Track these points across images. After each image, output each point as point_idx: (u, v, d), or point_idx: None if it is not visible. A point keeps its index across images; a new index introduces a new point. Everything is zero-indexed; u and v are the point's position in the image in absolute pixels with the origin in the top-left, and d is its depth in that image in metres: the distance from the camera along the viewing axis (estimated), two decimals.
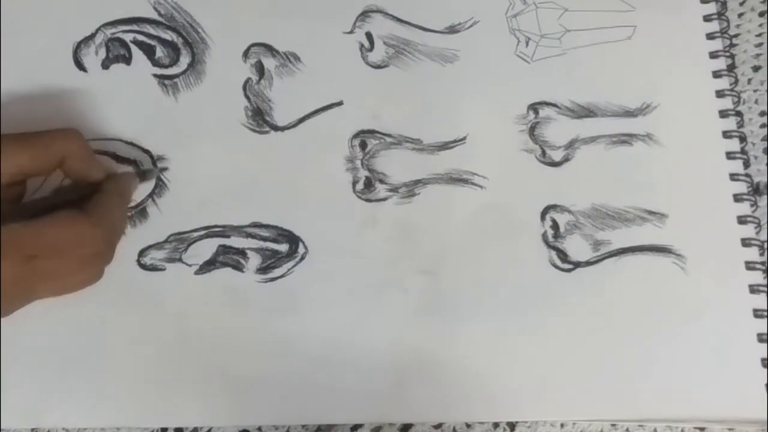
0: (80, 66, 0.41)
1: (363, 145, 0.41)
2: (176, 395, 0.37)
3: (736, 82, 0.43)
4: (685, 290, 0.39)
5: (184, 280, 0.38)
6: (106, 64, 0.41)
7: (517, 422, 0.38)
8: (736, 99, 0.42)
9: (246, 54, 0.42)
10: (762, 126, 0.43)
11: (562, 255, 0.40)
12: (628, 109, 0.42)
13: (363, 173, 0.41)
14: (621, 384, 0.38)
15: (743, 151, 0.42)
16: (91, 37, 0.41)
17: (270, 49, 0.42)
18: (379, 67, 0.42)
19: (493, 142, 0.41)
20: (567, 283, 0.39)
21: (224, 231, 0.39)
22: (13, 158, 0.33)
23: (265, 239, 0.39)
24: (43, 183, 0.37)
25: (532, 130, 0.42)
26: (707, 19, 0.44)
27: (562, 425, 0.38)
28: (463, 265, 0.39)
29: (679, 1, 0.44)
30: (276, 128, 0.41)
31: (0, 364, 0.36)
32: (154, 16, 0.42)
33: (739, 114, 0.42)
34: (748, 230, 0.41)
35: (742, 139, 0.42)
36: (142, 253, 0.39)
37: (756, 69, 0.44)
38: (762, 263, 0.40)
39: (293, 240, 0.39)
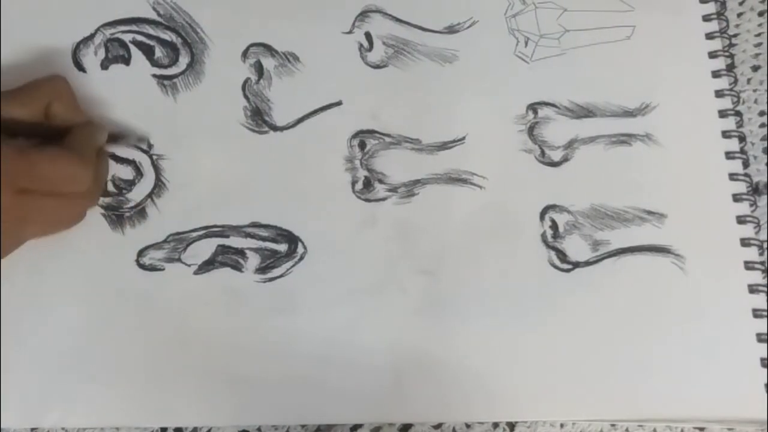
0: (79, 66, 0.41)
1: (362, 145, 0.41)
2: (175, 395, 0.37)
3: (736, 81, 0.43)
4: (685, 290, 0.39)
5: (184, 280, 0.38)
6: (105, 65, 0.41)
7: (516, 422, 0.38)
8: (735, 99, 0.42)
9: (245, 54, 0.42)
10: (761, 126, 0.43)
11: (561, 255, 0.40)
12: (627, 109, 0.42)
13: (362, 173, 0.41)
14: (620, 384, 0.38)
15: (742, 151, 0.42)
16: (91, 37, 0.41)
17: (269, 49, 0.42)
18: (378, 67, 0.42)
19: (492, 142, 0.41)
20: (566, 283, 0.39)
21: (223, 231, 0.39)
22: (4, 108, 0.34)
23: (264, 239, 0.39)
24: None
25: (531, 130, 0.42)
26: (706, 18, 0.44)
27: (561, 425, 0.38)
28: (462, 265, 0.39)
29: (679, 1, 0.44)
30: (275, 128, 0.41)
31: (0, 364, 0.37)
32: (153, 16, 0.42)
33: (738, 114, 0.42)
34: (748, 230, 0.40)
35: (742, 138, 0.42)
36: (141, 253, 0.39)
37: (755, 69, 0.44)
38: (761, 263, 0.40)
39: (292, 240, 0.39)
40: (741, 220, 0.41)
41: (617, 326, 0.39)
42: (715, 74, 0.43)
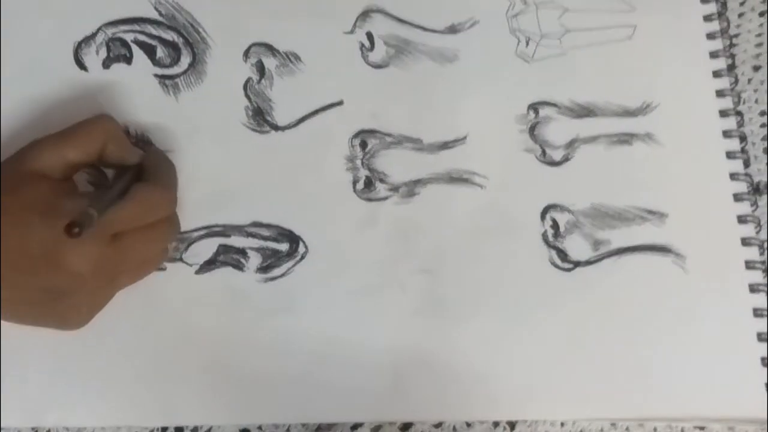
0: (81, 65, 0.41)
1: (363, 145, 0.41)
2: (176, 394, 0.37)
3: (736, 81, 0.43)
4: (685, 289, 0.40)
5: (185, 280, 0.38)
6: (107, 64, 0.41)
7: (517, 421, 0.38)
8: (736, 99, 0.42)
9: (246, 54, 0.42)
10: (762, 125, 0.43)
11: (562, 254, 0.40)
12: (628, 108, 0.42)
13: (363, 173, 0.41)
14: (621, 383, 0.38)
15: (743, 151, 0.42)
16: (92, 36, 0.41)
17: (270, 48, 0.42)
18: (379, 66, 0.42)
19: (493, 142, 0.41)
20: (567, 283, 0.39)
21: (224, 230, 0.39)
22: (59, 152, 0.35)
23: (265, 239, 0.39)
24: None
25: (532, 130, 0.42)
26: (707, 19, 0.44)
27: (562, 424, 0.38)
28: (462, 265, 0.39)
29: (679, 1, 0.44)
30: (276, 128, 0.41)
31: (0, 364, 0.37)
32: (155, 16, 0.42)
33: (739, 113, 0.42)
34: (748, 229, 0.41)
35: (742, 138, 0.42)
36: None
37: (756, 69, 0.44)
38: (762, 262, 0.40)
39: (293, 239, 0.39)
40: (742, 219, 0.41)
41: (618, 325, 0.39)
42: (716, 74, 0.43)
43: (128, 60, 0.41)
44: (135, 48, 0.41)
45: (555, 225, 0.40)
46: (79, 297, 0.33)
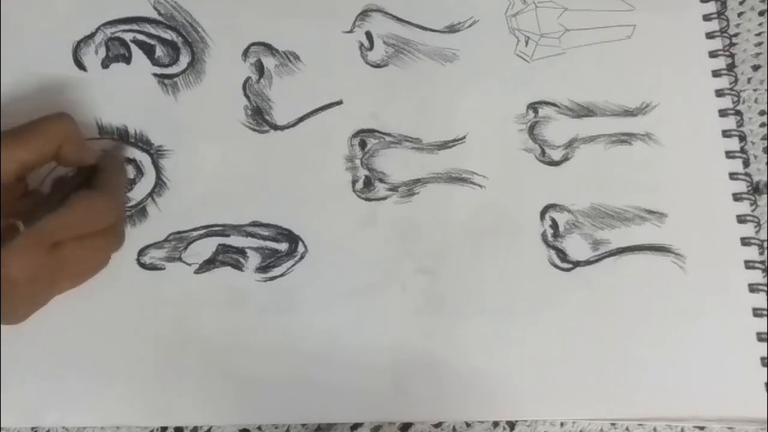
0: (80, 65, 0.41)
1: (362, 144, 0.41)
2: (176, 394, 0.37)
3: (736, 81, 0.43)
4: (685, 289, 0.39)
5: (184, 280, 0.38)
6: (106, 63, 0.41)
7: (516, 421, 0.38)
8: (735, 98, 0.42)
9: (246, 53, 0.42)
10: (762, 125, 0.43)
11: (562, 254, 0.40)
12: (627, 108, 0.42)
13: (362, 172, 0.41)
14: (620, 383, 0.38)
15: (743, 150, 0.42)
16: (91, 36, 0.41)
17: (270, 48, 0.42)
18: (378, 66, 0.42)
19: (493, 142, 0.41)
20: (566, 283, 0.39)
21: (224, 230, 0.39)
22: (14, 154, 0.33)
23: (264, 238, 0.39)
24: (44, 179, 0.38)
25: (531, 130, 0.42)
26: (707, 18, 0.44)
27: (561, 424, 0.38)
28: (462, 265, 0.39)
29: (679, 1, 0.44)
30: (276, 127, 0.41)
31: (0, 364, 0.37)
32: (154, 15, 0.42)
33: (738, 113, 0.42)
34: (748, 229, 0.41)
35: (742, 138, 0.42)
36: (141, 252, 0.39)
37: (756, 68, 0.44)
38: (761, 262, 0.40)
39: (293, 239, 0.39)
40: (741, 219, 0.41)
41: (617, 325, 0.39)
42: (716, 73, 0.43)
43: (127, 59, 0.41)
44: (134, 47, 0.41)
45: (554, 225, 0.40)
46: (14, 300, 0.32)
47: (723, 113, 0.42)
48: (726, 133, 0.42)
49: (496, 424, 0.38)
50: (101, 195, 0.35)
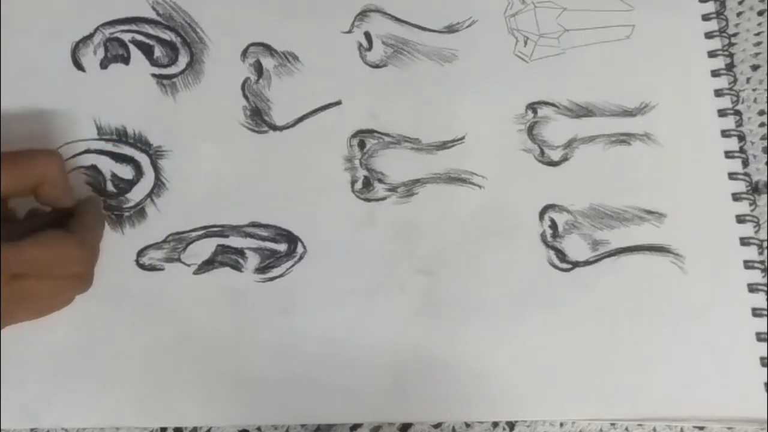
0: (78, 66, 0.41)
1: (362, 145, 0.41)
2: (175, 395, 0.37)
3: (735, 81, 0.43)
4: (684, 289, 0.39)
5: (183, 280, 0.38)
6: (104, 64, 0.41)
7: (516, 421, 0.38)
8: (734, 98, 0.42)
9: (244, 54, 0.42)
10: (761, 125, 0.43)
11: (561, 255, 0.40)
12: (626, 108, 0.42)
13: (361, 173, 0.41)
14: (620, 383, 0.38)
15: (742, 150, 0.42)
16: (90, 36, 0.41)
17: (268, 48, 0.42)
18: (377, 66, 0.42)
19: (492, 142, 0.41)
20: (565, 283, 0.39)
21: (223, 231, 0.39)
22: None
23: (263, 239, 0.39)
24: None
25: (530, 130, 0.42)
26: (706, 18, 0.44)
27: (561, 424, 0.38)
28: (461, 265, 0.39)
29: (678, 1, 0.44)
30: (274, 128, 0.41)
31: (0, 364, 0.36)
32: (153, 15, 0.42)
33: (737, 113, 0.42)
34: (747, 229, 0.40)
35: (741, 138, 0.42)
36: (140, 253, 0.39)
37: (755, 68, 0.44)
38: (761, 262, 0.40)
39: (292, 239, 0.39)
40: (740, 219, 0.41)
41: (617, 325, 0.39)
42: (715, 73, 0.43)
43: (126, 60, 0.41)
44: (132, 48, 0.41)
45: (553, 225, 0.40)
46: None
47: (722, 113, 0.42)
48: (725, 133, 0.42)
49: (495, 424, 0.38)
50: (74, 240, 0.33)
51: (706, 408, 0.38)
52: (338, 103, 0.41)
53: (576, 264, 0.40)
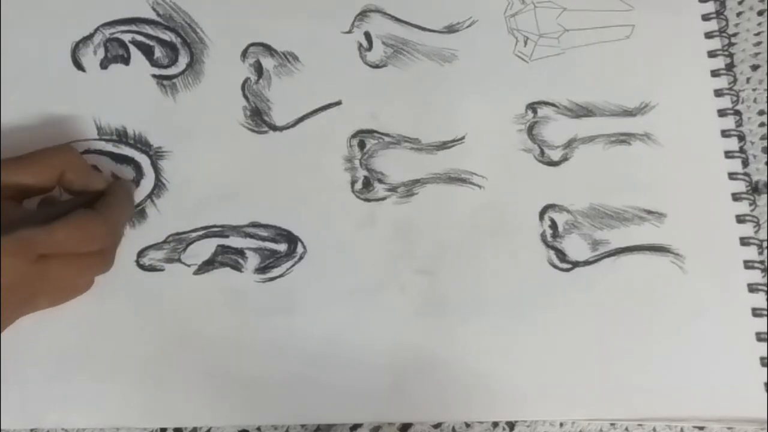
0: (78, 66, 0.41)
1: (361, 145, 0.41)
2: (175, 395, 0.37)
3: (735, 81, 0.43)
4: (684, 289, 0.39)
5: (183, 281, 0.38)
6: (104, 64, 0.41)
7: (516, 421, 0.38)
8: (734, 98, 0.42)
9: (244, 54, 0.42)
10: (761, 125, 0.43)
11: (561, 254, 0.40)
12: (626, 108, 0.42)
13: (361, 173, 0.41)
14: (620, 383, 0.38)
15: (742, 150, 0.42)
16: (90, 37, 0.41)
17: (268, 48, 0.42)
18: (377, 66, 0.42)
19: (492, 142, 0.41)
20: (565, 283, 0.39)
21: (223, 231, 0.39)
22: (14, 176, 0.34)
23: (263, 239, 0.39)
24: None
25: (530, 130, 0.42)
26: (706, 18, 0.44)
27: (561, 424, 0.38)
28: (461, 265, 0.39)
29: (678, 1, 0.44)
30: (275, 128, 0.41)
31: (0, 365, 0.37)
32: (153, 16, 0.42)
33: (737, 113, 0.42)
34: (747, 229, 0.40)
35: (741, 137, 0.42)
36: (141, 253, 0.39)
37: (755, 68, 0.44)
38: (761, 262, 0.40)
39: (292, 240, 0.39)
40: (740, 219, 0.41)
41: (616, 325, 0.39)
42: (714, 73, 0.43)
43: (126, 60, 0.41)
44: (133, 48, 0.41)
45: (553, 225, 0.40)
46: None
47: (722, 113, 0.42)
48: (725, 133, 0.42)
49: (495, 424, 0.38)
50: (101, 216, 0.34)
51: (706, 408, 0.38)
52: (338, 103, 0.41)
53: (576, 264, 0.40)
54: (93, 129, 0.40)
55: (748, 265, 0.40)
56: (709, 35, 0.43)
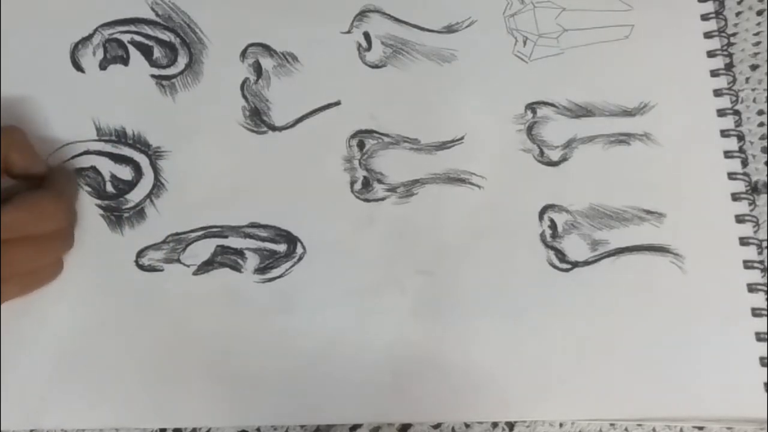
0: (78, 67, 0.41)
1: (361, 145, 0.41)
2: (174, 396, 0.37)
3: (734, 80, 0.43)
4: (683, 289, 0.39)
5: (183, 281, 0.38)
6: (103, 65, 0.41)
7: (515, 422, 0.38)
8: (734, 98, 0.42)
9: (244, 54, 0.42)
10: (760, 125, 0.43)
11: (560, 255, 0.40)
12: (625, 108, 0.42)
13: (361, 173, 0.41)
14: (619, 383, 0.38)
15: (741, 150, 0.42)
16: (89, 37, 0.41)
17: (267, 49, 0.42)
18: (376, 66, 0.42)
19: (491, 142, 0.41)
20: (565, 283, 0.39)
21: (222, 231, 0.39)
22: None
23: (263, 239, 0.39)
24: None
25: (529, 130, 0.42)
26: (705, 18, 0.44)
27: (560, 425, 0.38)
28: (461, 265, 0.39)
29: (677, 1, 0.44)
30: (274, 128, 0.41)
31: (0, 365, 0.37)
32: (152, 16, 0.42)
33: (737, 113, 0.42)
34: (746, 229, 0.40)
35: (740, 137, 0.42)
36: (140, 253, 0.39)
37: (754, 68, 0.44)
38: (760, 262, 0.40)
39: (291, 240, 0.39)
40: (740, 219, 0.41)
41: (616, 326, 0.39)
42: (714, 73, 0.43)
43: (125, 61, 0.41)
44: (132, 49, 0.41)
45: (553, 225, 0.40)
46: None
47: (721, 113, 0.42)
48: (724, 133, 0.42)
49: (495, 424, 0.38)
50: (50, 194, 0.34)
51: (705, 408, 0.38)
52: (337, 103, 0.41)
53: (575, 264, 0.40)
54: (92, 129, 0.40)
55: (747, 265, 0.40)
56: (708, 35, 0.43)
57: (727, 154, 0.42)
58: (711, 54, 0.43)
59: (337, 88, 0.42)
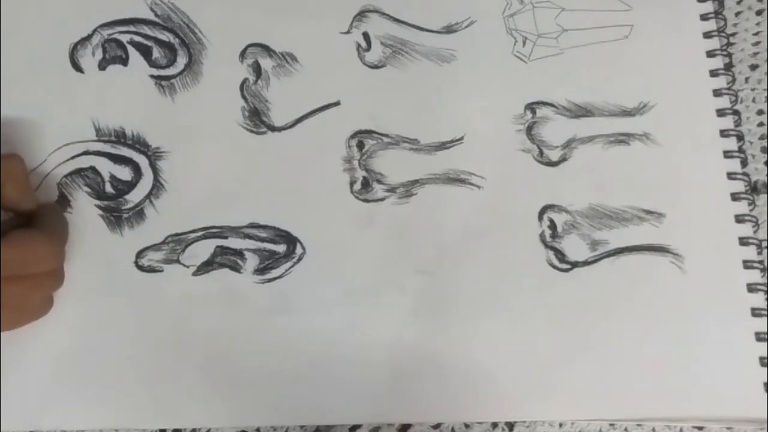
0: (77, 67, 0.41)
1: (360, 146, 0.41)
2: (174, 396, 0.37)
3: (734, 80, 0.43)
4: (683, 289, 0.39)
5: (182, 281, 0.38)
6: (102, 65, 0.41)
7: (515, 422, 0.38)
8: (733, 98, 0.42)
9: (243, 54, 0.42)
10: (759, 124, 0.43)
11: (560, 255, 0.40)
12: (625, 108, 0.42)
13: (360, 173, 0.41)
14: (619, 383, 0.38)
15: (741, 150, 0.42)
16: (88, 38, 0.41)
17: (267, 49, 0.42)
18: (376, 67, 0.42)
19: (491, 142, 0.41)
20: (564, 283, 0.39)
21: (222, 232, 0.39)
22: None
23: (262, 240, 0.39)
24: None
25: (529, 130, 0.42)
26: (704, 18, 0.44)
27: (560, 425, 0.38)
28: (460, 265, 0.39)
29: (677, 1, 0.44)
30: (273, 129, 0.41)
31: (0, 367, 0.37)
32: (151, 17, 0.42)
33: (736, 113, 0.42)
34: (746, 229, 0.40)
35: (740, 137, 0.42)
36: (139, 254, 0.39)
37: (753, 67, 0.44)
38: (760, 262, 0.40)
39: (291, 240, 0.39)
40: (739, 219, 0.41)
41: (616, 326, 0.39)
42: (713, 73, 0.43)
43: (124, 61, 0.41)
44: (131, 49, 0.41)
45: (552, 225, 0.40)
46: None
47: (721, 113, 0.42)
48: (724, 133, 0.42)
49: (495, 425, 0.38)
50: (43, 236, 0.34)
51: (705, 408, 0.38)
52: (337, 103, 0.41)
53: (575, 264, 0.40)
54: (91, 130, 0.40)
55: (747, 264, 0.40)
56: (707, 35, 0.43)
57: (727, 154, 0.42)
58: (710, 54, 0.43)
59: (337, 88, 0.42)
